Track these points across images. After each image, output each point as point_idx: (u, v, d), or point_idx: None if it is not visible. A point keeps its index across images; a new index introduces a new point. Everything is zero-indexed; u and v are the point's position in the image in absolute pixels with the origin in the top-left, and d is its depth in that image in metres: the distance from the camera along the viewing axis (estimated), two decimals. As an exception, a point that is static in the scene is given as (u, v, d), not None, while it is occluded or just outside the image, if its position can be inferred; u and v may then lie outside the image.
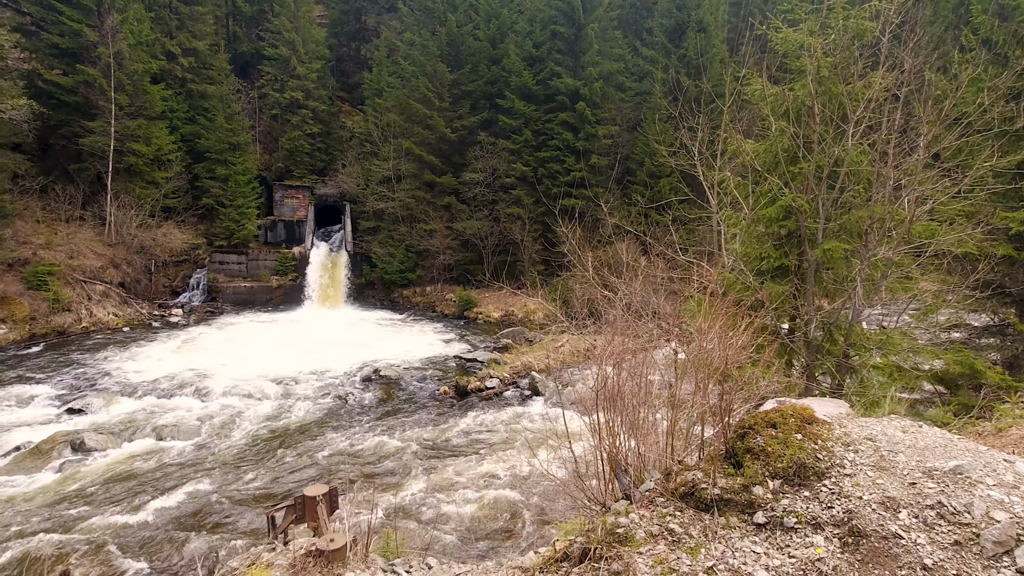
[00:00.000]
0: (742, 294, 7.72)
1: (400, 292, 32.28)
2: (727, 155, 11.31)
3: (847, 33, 8.39)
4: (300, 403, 15.57)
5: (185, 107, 30.83)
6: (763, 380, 5.19)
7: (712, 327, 4.56)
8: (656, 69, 31.57)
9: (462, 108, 32.27)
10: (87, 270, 24.84)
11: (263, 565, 5.88)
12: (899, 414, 4.27)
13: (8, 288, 21.76)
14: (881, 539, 2.77)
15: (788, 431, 3.53)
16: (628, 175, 32.27)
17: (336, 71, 41.22)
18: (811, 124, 8.40)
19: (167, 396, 15.58)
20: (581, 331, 13.09)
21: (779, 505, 3.16)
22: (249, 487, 10.76)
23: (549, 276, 29.36)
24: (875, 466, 3.26)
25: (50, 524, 9.21)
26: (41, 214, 25.54)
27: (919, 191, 7.83)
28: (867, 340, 8.43)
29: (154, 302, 27.58)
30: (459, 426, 14.13)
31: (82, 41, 25.35)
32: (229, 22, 38.48)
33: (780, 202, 8.56)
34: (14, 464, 11.24)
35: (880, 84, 7.96)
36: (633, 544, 3.16)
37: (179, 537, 8.98)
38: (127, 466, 11.48)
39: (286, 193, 33.64)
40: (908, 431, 3.69)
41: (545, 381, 17.04)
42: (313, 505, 6.38)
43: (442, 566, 6.39)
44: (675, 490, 3.55)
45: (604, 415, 4.76)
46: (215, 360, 19.24)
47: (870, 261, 7.98)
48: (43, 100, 24.88)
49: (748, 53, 15.03)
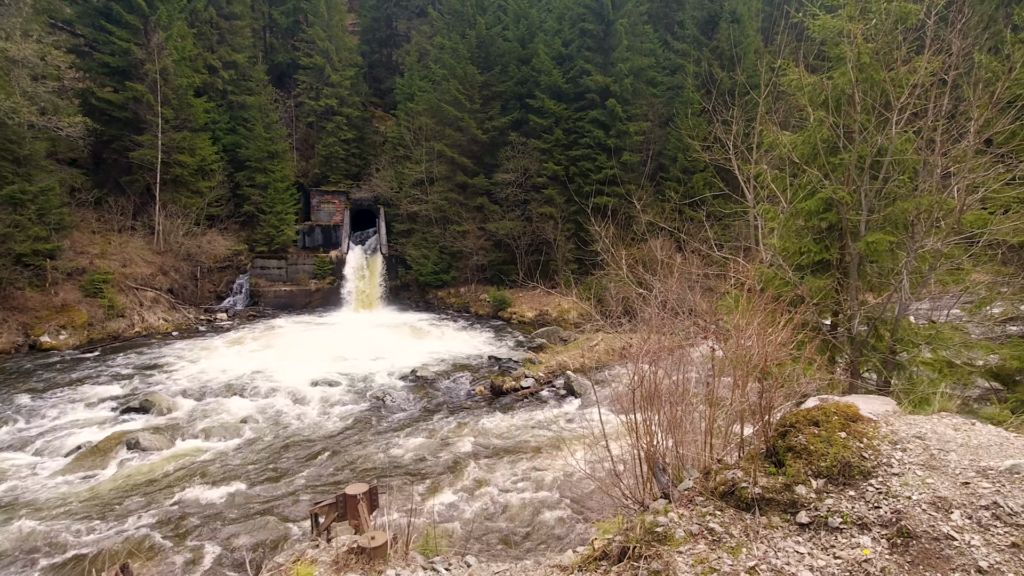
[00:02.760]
0: (781, 290, 7.54)
1: (435, 293, 32.65)
2: (763, 148, 11.05)
3: (889, 17, 8.08)
4: (339, 404, 15.94)
5: (226, 118, 31.94)
6: (804, 377, 5.06)
7: (750, 324, 4.48)
8: (688, 62, 31.04)
9: (493, 109, 32.42)
10: (138, 277, 26.03)
11: (308, 561, 6.06)
12: (950, 412, 4.11)
13: (68, 296, 23.00)
14: (932, 540, 2.69)
15: (831, 429, 3.44)
16: (661, 171, 31.83)
17: (368, 77, 42.00)
18: (852, 113, 8.12)
19: (214, 397, 16.17)
20: (616, 330, 13.00)
21: (823, 505, 3.10)
22: (291, 485, 11.09)
23: (583, 275, 29.22)
24: (925, 465, 3.16)
25: (108, 520, 9.69)
26: (96, 225, 26.91)
27: (970, 179, 7.48)
28: (915, 335, 8.10)
29: (200, 307, 28.66)
30: (495, 425, 14.22)
31: (130, 59, 26.60)
32: (266, 34, 39.69)
33: (820, 194, 8.31)
34: (76, 463, 11.86)
35: (926, 69, 7.64)
36: (672, 543, 3.14)
37: (228, 533, 9.32)
38: (178, 464, 11.98)
39: (322, 198, 34.46)
40: (960, 429, 3.55)
41: (580, 380, 16.98)
42: (354, 503, 6.54)
43: (480, 564, 6.45)
44: (714, 489, 3.51)
45: (641, 413, 4.74)
46: (258, 362, 19.88)
47: (917, 253, 7.67)
48: (96, 117, 26.19)
49: (783, 42, 14.61)
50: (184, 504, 10.25)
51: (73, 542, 9.01)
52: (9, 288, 21.47)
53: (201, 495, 10.59)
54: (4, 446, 12.77)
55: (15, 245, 21.05)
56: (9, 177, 21.29)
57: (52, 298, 22.63)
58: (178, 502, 10.32)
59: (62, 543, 8.97)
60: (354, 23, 44.90)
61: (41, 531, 9.28)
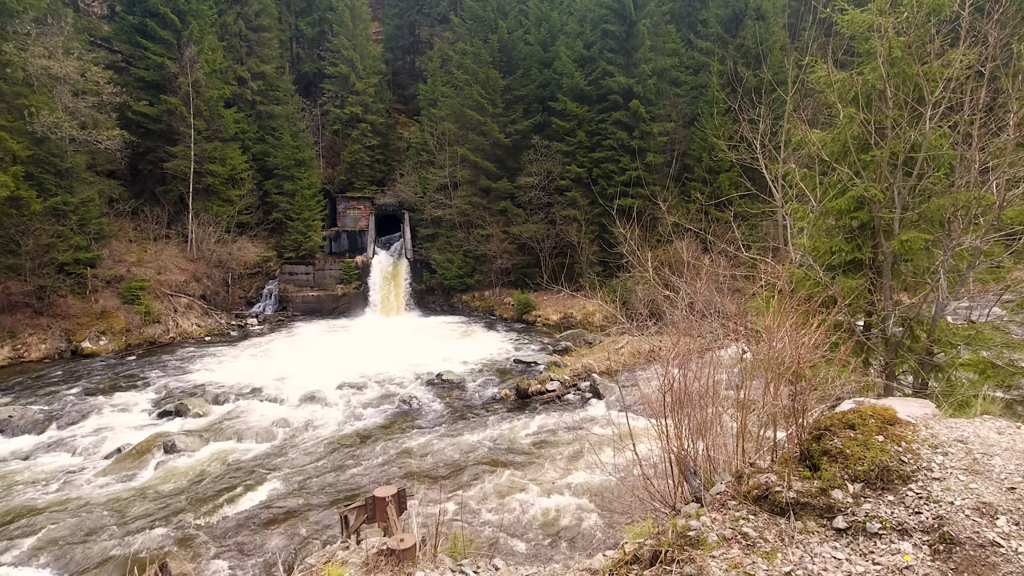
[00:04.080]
0: (812, 290, 7.39)
1: (459, 297, 32.84)
2: (791, 146, 10.86)
3: (922, 9, 7.87)
4: (367, 407, 16.15)
5: (255, 128, 32.73)
6: (838, 380, 4.96)
7: (781, 325, 4.41)
8: (712, 61, 30.66)
9: (515, 113, 32.54)
10: (173, 284, 26.82)
11: (338, 563, 6.15)
12: (993, 415, 3.98)
13: (107, 303, 23.82)
14: (977, 547, 2.61)
15: (868, 432, 3.37)
16: (686, 172, 31.48)
17: (392, 84, 42.59)
18: (883, 109, 7.93)
19: (246, 400, 16.55)
20: (642, 332, 12.89)
21: (860, 510, 3.03)
22: (321, 488, 11.27)
23: (607, 277, 29.04)
24: (967, 469, 3.07)
25: (146, 520, 10.00)
26: (132, 234, 27.85)
27: (1010, 173, 7.22)
28: (953, 335, 7.85)
29: (231, 312, 29.37)
30: (521, 428, 14.23)
31: (164, 73, 27.51)
32: (293, 45, 40.57)
33: (851, 192, 8.13)
34: (115, 464, 12.26)
35: (961, 62, 7.42)
36: (705, 547, 3.11)
37: (260, 534, 9.52)
38: (212, 467, 12.28)
39: (348, 204, 35.02)
40: (1004, 432, 3.44)
41: (606, 383, 16.87)
42: (383, 506, 6.61)
43: (509, 567, 6.46)
44: (747, 493, 3.47)
45: (671, 417, 4.70)
46: (288, 367, 20.27)
47: (954, 251, 7.44)
48: (132, 129, 27.16)
49: (811, 38, 14.34)
50: (218, 505, 10.50)
51: (114, 542, 9.32)
52: (52, 296, 22.34)
53: (234, 496, 10.84)
54: (48, 447, 13.29)
55: (58, 255, 21.91)
56: (52, 189, 22.18)
57: (92, 305, 23.46)
58: (212, 503, 10.58)
59: (103, 542, 9.28)
60: (378, 31, 45.59)
61: (83, 530, 9.62)
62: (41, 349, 21.18)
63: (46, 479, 11.67)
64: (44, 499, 10.80)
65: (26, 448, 13.31)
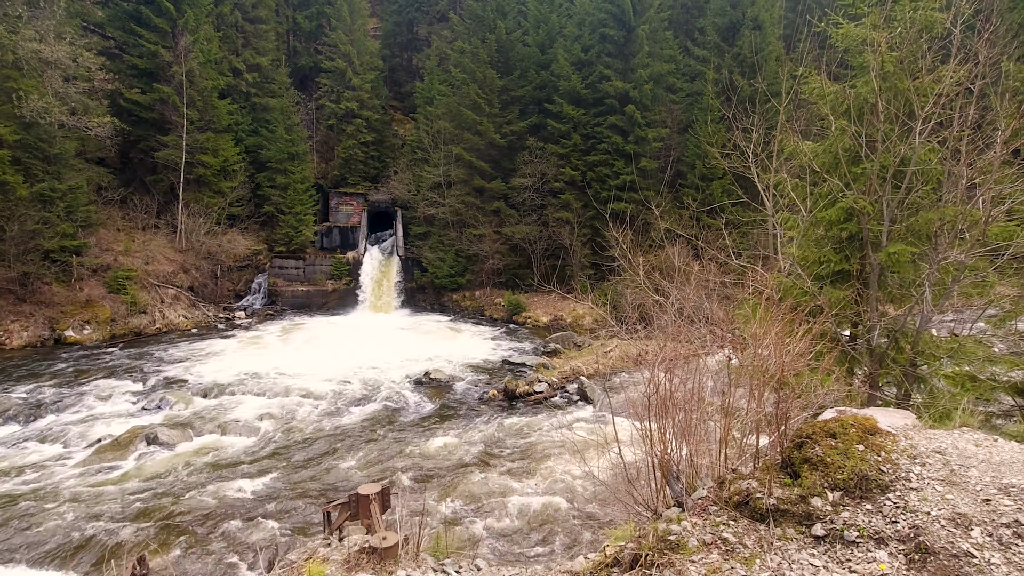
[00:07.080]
0: (799, 299, 7.46)
1: (450, 296, 32.78)
2: (783, 156, 10.94)
3: (914, 26, 7.98)
4: (353, 404, 16.07)
5: (249, 120, 32.48)
6: (822, 389, 5.00)
7: (768, 333, 4.45)
8: (708, 69, 30.86)
9: (511, 114, 32.54)
10: (160, 275, 26.54)
11: (319, 559, 6.11)
12: (972, 427, 4.04)
13: (92, 292, 23.53)
14: (951, 557, 2.65)
15: (849, 441, 3.41)
16: (679, 178, 31.65)
17: (389, 81, 42.44)
18: (874, 122, 8.02)
19: (231, 394, 16.40)
20: (631, 336, 12.93)
21: (839, 518, 3.06)
22: (305, 483, 11.20)
23: (598, 280, 29.12)
24: (945, 480, 3.11)
25: (126, 513, 9.88)
26: (121, 223, 27.52)
27: (996, 190, 7.34)
28: (937, 348, 7.96)
29: (219, 305, 29.11)
30: (508, 429, 14.22)
31: (158, 61, 27.21)
32: (289, 37, 40.34)
33: (841, 204, 8.21)
34: (96, 455, 12.11)
35: (951, 78, 7.53)
36: (685, 552, 3.13)
37: (241, 528, 9.44)
38: (194, 459, 12.17)
39: (341, 200, 34.85)
40: (982, 445, 3.49)
41: (594, 386, 16.91)
42: (366, 503, 6.59)
43: (491, 568, 6.46)
44: (729, 499, 3.49)
45: (655, 421, 4.72)
46: (275, 361, 20.13)
47: (940, 265, 7.54)
48: (124, 117, 26.83)
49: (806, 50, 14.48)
50: (200, 499, 10.40)
51: (92, 533, 9.20)
52: (36, 283, 22.03)
53: (216, 490, 10.74)
54: (28, 437, 13.09)
55: (43, 241, 21.62)
56: (39, 175, 21.88)
57: (77, 293, 23.16)
58: (194, 496, 10.48)
59: (81, 533, 9.16)
60: (376, 27, 45.44)
61: (62, 521, 9.49)
62: (23, 337, 20.88)
63: (24, 468, 11.50)
64: (21, 489, 10.64)
65: (2, 436, 13.11)
